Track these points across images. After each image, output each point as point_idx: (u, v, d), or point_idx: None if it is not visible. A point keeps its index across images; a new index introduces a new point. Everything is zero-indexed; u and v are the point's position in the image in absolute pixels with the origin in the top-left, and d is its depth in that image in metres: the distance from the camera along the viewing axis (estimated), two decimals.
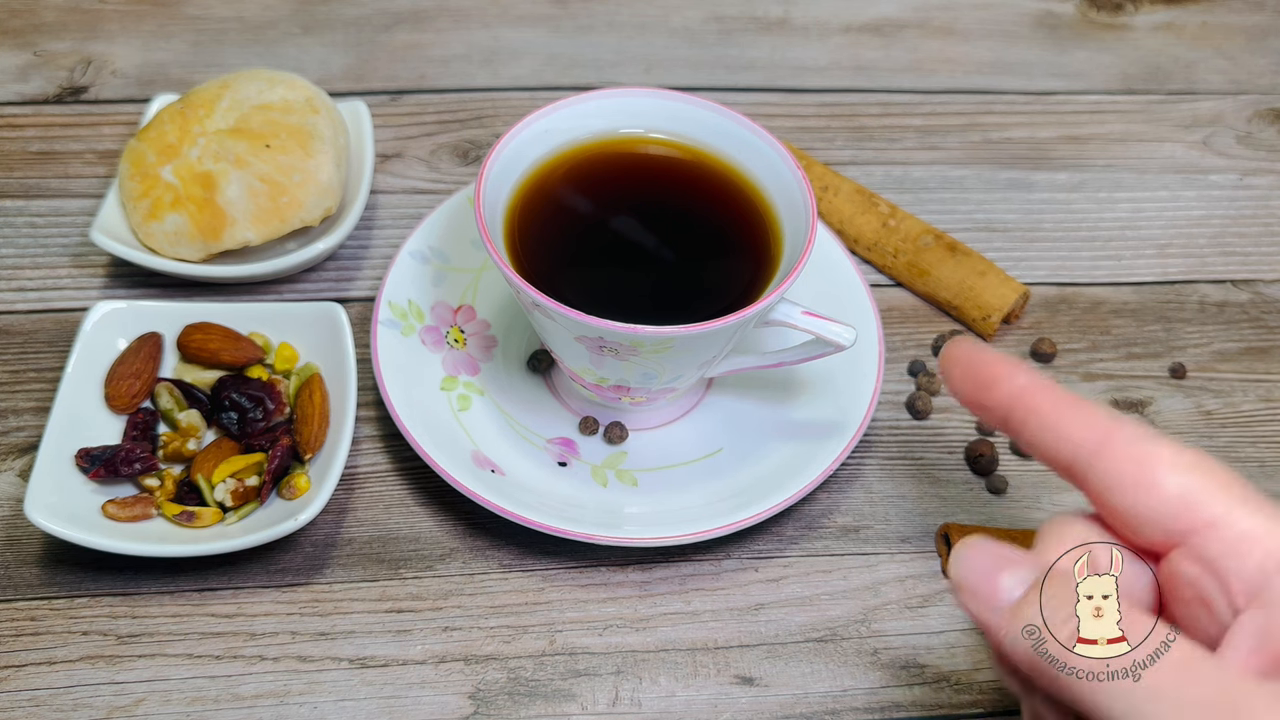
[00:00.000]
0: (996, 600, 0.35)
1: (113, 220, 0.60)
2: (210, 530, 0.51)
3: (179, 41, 0.75)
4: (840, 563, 0.53)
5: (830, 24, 0.80)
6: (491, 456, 0.54)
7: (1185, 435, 0.59)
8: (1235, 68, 0.79)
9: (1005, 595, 0.35)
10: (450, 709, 0.48)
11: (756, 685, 0.50)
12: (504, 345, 0.59)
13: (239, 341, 0.56)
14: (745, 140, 0.54)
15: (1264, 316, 0.65)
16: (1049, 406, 0.36)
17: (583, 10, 0.79)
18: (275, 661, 0.49)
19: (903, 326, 0.63)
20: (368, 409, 0.57)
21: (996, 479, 0.56)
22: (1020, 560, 0.35)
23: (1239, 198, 0.71)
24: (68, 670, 0.48)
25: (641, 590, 0.52)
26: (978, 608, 0.35)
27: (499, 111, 0.72)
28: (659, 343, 0.47)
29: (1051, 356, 0.61)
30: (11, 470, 0.54)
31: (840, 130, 0.73)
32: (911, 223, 0.64)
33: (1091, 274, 0.66)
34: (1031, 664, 0.34)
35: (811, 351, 0.53)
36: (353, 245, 0.64)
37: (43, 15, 0.76)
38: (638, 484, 0.54)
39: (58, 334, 0.59)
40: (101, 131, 0.69)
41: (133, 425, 0.53)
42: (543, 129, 0.54)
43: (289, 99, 0.61)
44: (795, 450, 0.54)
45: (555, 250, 0.53)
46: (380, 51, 0.75)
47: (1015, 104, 0.75)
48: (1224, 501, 0.34)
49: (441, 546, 0.53)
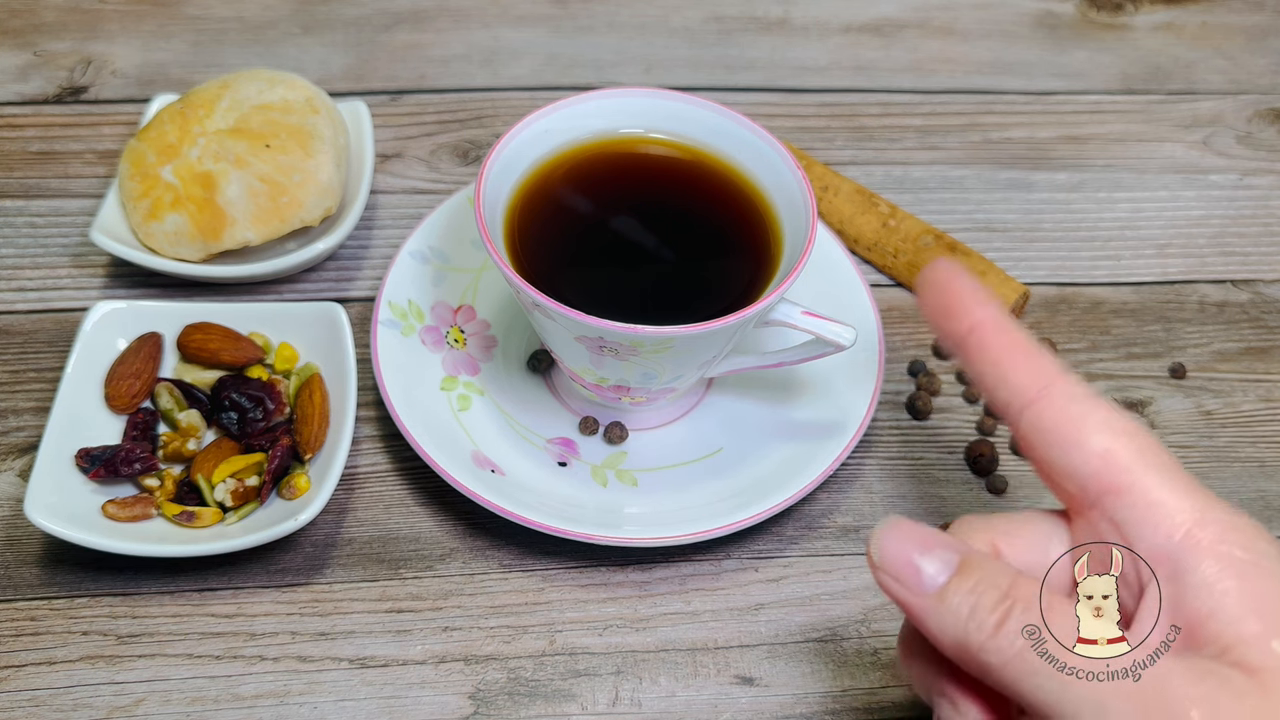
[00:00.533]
0: (919, 584, 0.35)
1: (113, 220, 0.60)
2: (210, 530, 0.51)
3: (179, 41, 0.75)
4: (840, 563, 0.53)
5: (830, 24, 0.80)
6: (491, 456, 0.54)
7: (1185, 435, 0.59)
8: (1235, 68, 0.79)
9: (928, 580, 0.35)
10: (450, 709, 0.48)
11: (756, 685, 0.50)
12: (504, 345, 0.59)
13: (239, 341, 0.56)
14: (745, 140, 0.54)
15: (1264, 316, 0.65)
16: (999, 347, 0.37)
17: (583, 10, 0.79)
18: (275, 661, 0.49)
19: (903, 326, 0.63)
20: (368, 409, 0.57)
21: (996, 479, 0.56)
22: (941, 543, 0.36)
23: (1239, 198, 0.71)
24: (68, 670, 0.48)
25: (641, 590, 0.52)
26: (899, 591, 0.35)
27: (499, 111, 0.72)
28: (659, 343, 0.47)
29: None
30: (11, 470, 0.54)
31: (840, 130, 0.73)
32: (911, 223, 0.64)
33: (1091, 274, 0.66)
34: (960, 648, 0.34)
35: (811, 351, 0.53)
36: (353, 245, 0.64)
37: (43, 15, 0.76)
38: (638, 484, 0.54)
39: (58, 334, 0.59)
40: (101, 131, 0.69)
41: (133, 425, 0.53)
42: (542, 129, 0.54)
43: (289, 99, 0.61)
44: (795, 450, 0.54)
45: (555, 250, 0.53)
46: (380, 51, 0.75)
47: (1015, 104, 0.75)
48: (1143, 469, 0.35)
49: (441, 546, 0.53)
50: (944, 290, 0.38)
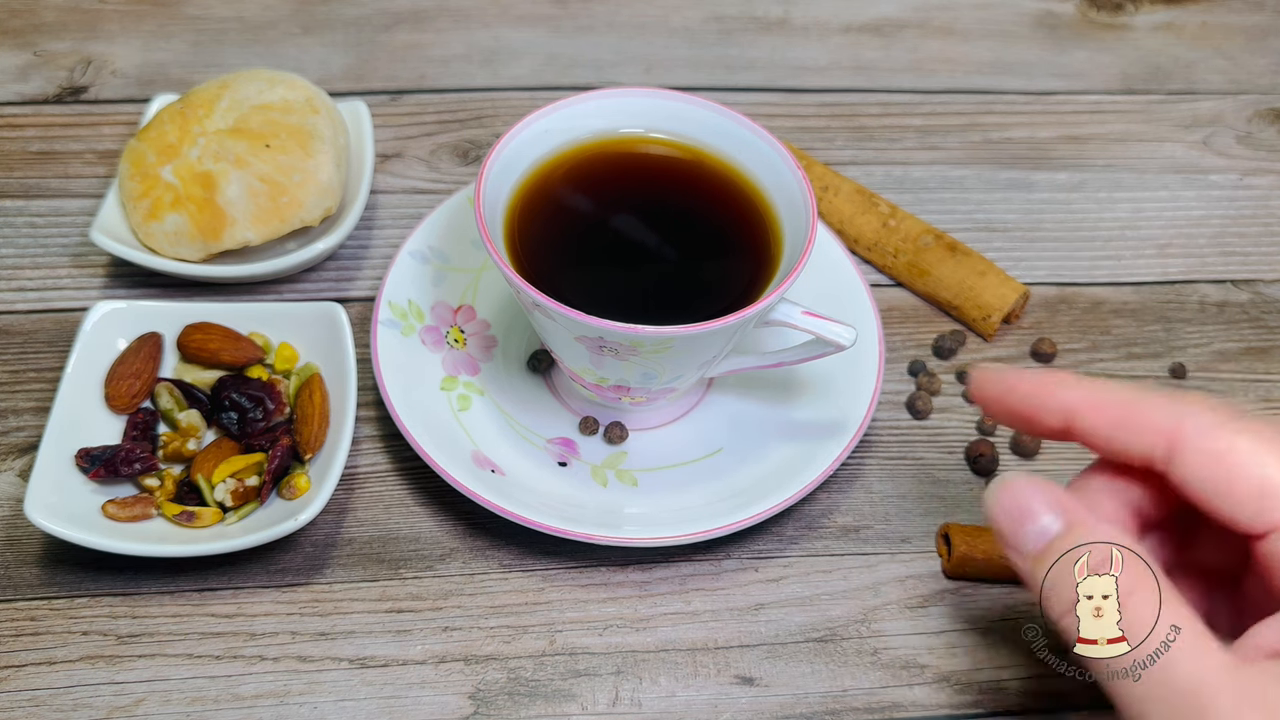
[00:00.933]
0: (1026, 544, 0.35)
1: (113, 220, 0.60)
2: (210, 530, 0.51)
3: (179, 41, 0.75)
4: (840, 563, 0.53)
5: (830, 24, 0.80)
6: (491, 456, 0.54)
7: None
8: (1235, 68, 0.79)
9: (1036, 538, 0.35)
10: (450, 709, 0.48)
11: (756, 685, 0.50)
12: (504, 345, 0.59)
13: (239, 341, 0.56)
14: (745, 140, 0.54)
15: (1264, 316, 0.65)
16: (1104, 418, 0.36)
17: (583, 10, 0.79)
18: (275, 661, 0.49)
19: (903, 326, 0.63)
20: (368, 409, 0.57)
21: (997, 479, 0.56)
22: (1055, 499, 0.36)
23: (1239, 198, 0.71)
24: (68, 670, 0.48)
25: (641, 590, 0.52)
26: (1011, 550, 0.36)
27: (499, 111, 0.72)
28: (659, 343, 0.47)
29: (1051, 357, 0.61)
30: (11, 470, 0.54)
31: (840, 130, 0.73)
32: (911, 223, 0.64)
33: (1091, 274, 0.66)
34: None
35: (811, 351, 0.53)
36: (353, 245, 0.64)
37: (43, 15, 0.76)
38: (638, 484, 0.54)
39: (58, 334, 0.59)
40: (101, 131, 0.69)
41: (133, 425, 0.53)
42: (542, 129, 0.54)
43: (289, 99, 0.61)
44: (795, 450, 0.54)
45: (555, 250, 0.53)
46: (380, 51, 0.75)
47: (1015, 104, 0.75)
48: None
49: (441, 546, 0.53)
50: (1011, 396, 0.37)
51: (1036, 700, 0.50)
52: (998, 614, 0.52)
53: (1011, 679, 0.50)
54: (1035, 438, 0.56)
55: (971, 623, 0.52)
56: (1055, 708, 0.50)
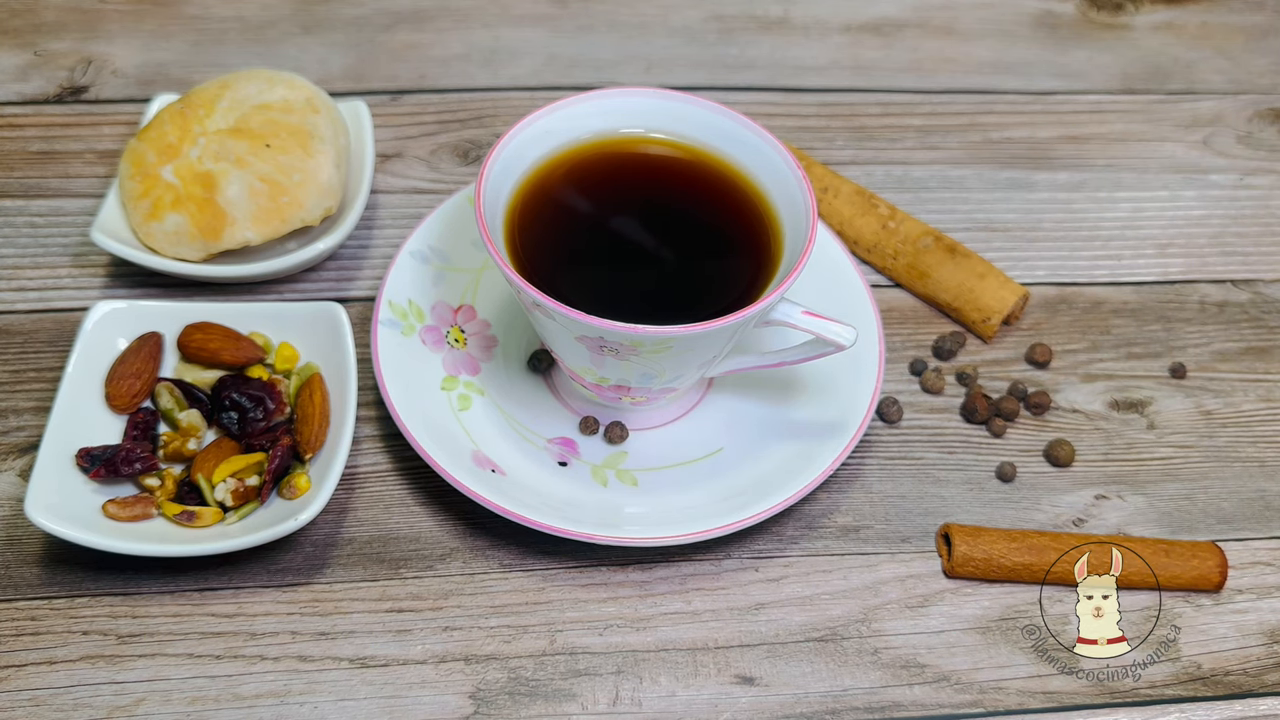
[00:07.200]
0: None
1: (113, 220, 0.60)
2: (210, 530, 0.51)
3: (179, 41, 0.75)
4: (840, 563, 0.53)
5: (830, 24, 0.80)
6: (492, 456, 0.54)
7: (1185, 435, 0.59)
8: (1235, 68, 0.79)
9: None
10: (450, 709, 0.48)
11: (756, 685, 0.50)
12: (504, 345, 0.59)
13: (239, 341, 0.56)
14: (745, 140, 0.54)
15: (1264, 316, 0.65)
16: None
17: (583, 10, 0.79)
18: (275, 661, 0.49)
19: (903, 327, 0.63)
20: (368, 409, 0.57)
21: (1005, 466, 0.56)
22: None
23: (1239, 198, 0.71)
24: (68, 670, 0.48)
25: (641, 590, 0.52)
26: None
27: (499, 111, 0.72)
28: (659, 343, 0.47)
29: (1046, 364, 0.61)
30: (12, 470, 0.54)
31: (840, 130, 0.73)
32: (911, 224, 0.64)
33: (1091, 274, 0.66)
34: None
35: (812, 351, 0.53)
36: (353, 245, 0.64)
37: (43, 15, 0.76)
38: (638, 484, 0.54)
39: (58, 334, 0.59)
40: (101, 131, 0.69)
41: (133, 425, 0.53)
42: (543, 129, 0.54)
43: (289, 99, 0.61)
44: (795, 450, 0.54)
45: (555, 250, 0.53)
46: (380, 51, 0.75)
47: (1015, 104, 0.75)
48: None
49: (441, 546, 0.53)
50: None
51: (1036, 700, 0.50)
52: (998, 614, 0.52)
53: (1011, 679, 0.50)
54: (1068, 446, 0.57)
55: (971, 623, 0.52)
56: (1055, 707, 0.50)
